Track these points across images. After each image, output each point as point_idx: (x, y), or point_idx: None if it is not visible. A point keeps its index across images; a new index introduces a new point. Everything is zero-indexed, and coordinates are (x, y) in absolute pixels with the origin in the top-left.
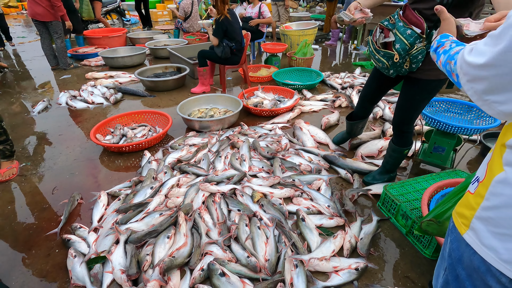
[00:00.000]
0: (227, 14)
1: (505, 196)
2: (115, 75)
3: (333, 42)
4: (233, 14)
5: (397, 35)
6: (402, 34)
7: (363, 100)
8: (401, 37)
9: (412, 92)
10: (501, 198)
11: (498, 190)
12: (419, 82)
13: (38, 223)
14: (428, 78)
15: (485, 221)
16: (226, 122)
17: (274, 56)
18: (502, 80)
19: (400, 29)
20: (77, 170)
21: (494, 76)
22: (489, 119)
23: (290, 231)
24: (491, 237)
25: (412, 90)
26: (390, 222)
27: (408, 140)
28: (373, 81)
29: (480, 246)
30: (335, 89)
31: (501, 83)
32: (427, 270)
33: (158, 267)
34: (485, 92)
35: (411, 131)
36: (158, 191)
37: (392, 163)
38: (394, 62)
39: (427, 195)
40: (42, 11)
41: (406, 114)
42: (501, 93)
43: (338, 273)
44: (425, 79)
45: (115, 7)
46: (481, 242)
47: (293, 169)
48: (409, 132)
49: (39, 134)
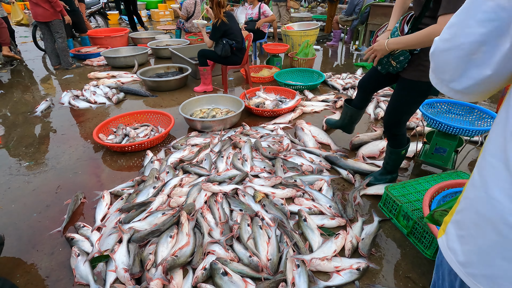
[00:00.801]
0: (223, 18)
1: (469, 198)
2: (117, 75)
3: (335, 42)
4: (230, 16)
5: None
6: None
7: (360, 86)
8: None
9: (401, 93)
10: (467, 201)
11: (467, 193)
12: (406, 82)
13: (41, 222)
14: (413, 78)
15: (455, 224)
16: (228, 122)
17: (275, 57)
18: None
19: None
20: (80, 170)
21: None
22: (490, 120)
23: (292, 231)
24: (456, 239)
25: (401, 90)
26: (391, 223)
27: (402, 142)
28: (373, 71)
29: (446, 249)
30: (337, 90)
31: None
32: (428, 271)
33: (161, 266)
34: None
35: (402, 133)
36: (160, 190)
37: (392, 164)
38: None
39: (428, 196)
40: (42, 11)
41: (395, 115)
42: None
43: (340, 273)
44: (410, 79)
45: (98, 9)
46: (447, 245)
47: (294, 170)
48: (400, 134)
49: (42, 133)
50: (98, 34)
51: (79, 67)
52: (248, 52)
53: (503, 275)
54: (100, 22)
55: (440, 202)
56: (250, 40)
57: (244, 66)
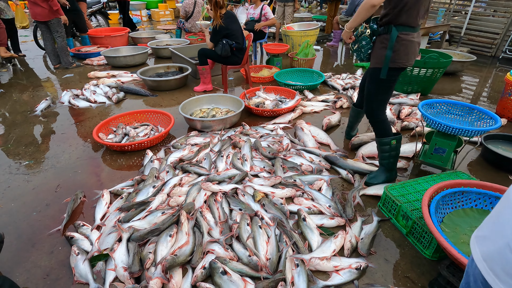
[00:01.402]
0: (220, 21)
1: (500, 203)
2: (117, 75)
3: (335, 43)
4: (230, 16)
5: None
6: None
7: (361, 86)
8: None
9: (367, 83)
10: (498, 205)
11: (502, 198)
12: (368, 72)
13: (41, 220)
14: (371, 66)
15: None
16: (228, 122)
17: (275, 57)
18: None
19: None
20: (80, 169)
21: None
22: (489, 121)
23: (291, 231)
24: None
25: (367, 81)
26: (391, 223)
27: (383, 130)
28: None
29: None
30: (337, 90)
31: None
32: (427, 270)
33: (160, 265)
34: None
35: (380, 120)
36: (160, 190)
37: (386, 159)
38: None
39: (427, 196)
40: (41, 11)
41: (366, 105)
42: None
43: (339, 273)
44: (370, 67)
45: (99, 8)
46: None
47: (294, 169)
48: (378, 121)
49: (42, 132)
50: (98, 33)
51: (79, 67)
52: (248, 52)
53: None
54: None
55: (439, 202)
56: (250, 40)
57: (244, 66)
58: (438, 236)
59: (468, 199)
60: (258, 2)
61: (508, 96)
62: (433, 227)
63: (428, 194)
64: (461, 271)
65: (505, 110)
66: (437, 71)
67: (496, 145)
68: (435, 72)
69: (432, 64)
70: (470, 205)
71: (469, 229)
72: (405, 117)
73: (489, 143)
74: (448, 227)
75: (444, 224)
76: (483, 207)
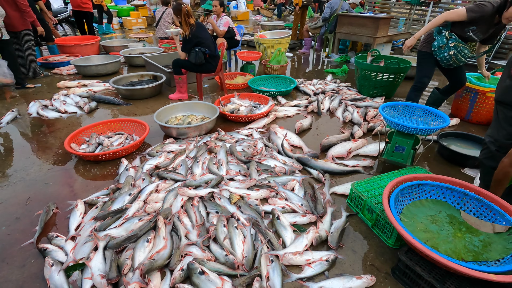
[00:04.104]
0: (188, 31)
1: None
2: (88, 84)
3: (306, 50)
4: (200, 26)
5: None
6: None
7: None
8: None
9: None
10: None
11: None
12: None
13: (11, 234)
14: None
15: None
16: (203, 129)
17: (249, 64)
18: None
19: None
20: (51, 180)
21: None
22: (441, 120)
23: (266, 229)
24: None
25: None
26: (358, 217)
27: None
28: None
29: None
30: (308, 95)
31: None
32: (390, 258)
33: (138, 269)
34: None
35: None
36: (136, 197)
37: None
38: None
39: (387, 190)
40: (13, 21)
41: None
42: None
43: (311, 265)
44: None
45: (66, 17)
46: None
47: (268, 171)
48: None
49: (9, 145)
50: (67, 42)
51: (47, 76)
52: (222, 59)
53: None
54: (68, 30)
55: (398, 195)
56: (223, 48)
57: (218, 74)
58: (396, 225)
59: (424, 191)
60: (221, 13)
61: (460, 98)
62: (392, 217)
63: (388, 188)
64: (417, 255)
65: (458, 110)
66: (398, 76)
67: (450, 142)
68: (396, 76)
69: (393, 70)
70: (425, 196)
71: (425, 217)
72: (371, 119)
73: (444, 140)
74: (406, 217)
75: (403, 214)
76: (436, 198)
